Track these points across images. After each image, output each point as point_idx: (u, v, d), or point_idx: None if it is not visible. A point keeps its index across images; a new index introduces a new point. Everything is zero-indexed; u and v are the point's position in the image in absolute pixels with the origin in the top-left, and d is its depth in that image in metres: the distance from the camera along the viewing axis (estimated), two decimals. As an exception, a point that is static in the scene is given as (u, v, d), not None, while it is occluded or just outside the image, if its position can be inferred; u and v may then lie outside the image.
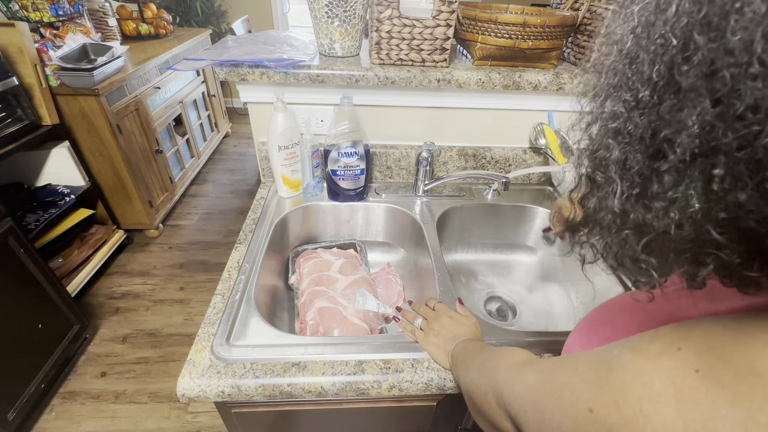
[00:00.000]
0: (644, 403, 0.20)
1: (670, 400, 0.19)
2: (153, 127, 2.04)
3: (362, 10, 0.80)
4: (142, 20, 2.36)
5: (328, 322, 0.69)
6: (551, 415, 0.26)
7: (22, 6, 1.65)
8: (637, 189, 0.21)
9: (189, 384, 0.54)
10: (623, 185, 0.21)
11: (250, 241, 0.79)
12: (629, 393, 0.21)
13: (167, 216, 2.29)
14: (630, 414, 0.20)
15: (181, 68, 0.79)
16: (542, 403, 0.27)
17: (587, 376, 0.24)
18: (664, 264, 0.22)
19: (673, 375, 0.19)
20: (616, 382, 0.22)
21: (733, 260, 0.18)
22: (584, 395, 0.23)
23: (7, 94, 1.36)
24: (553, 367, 0.29)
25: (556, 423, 0.25)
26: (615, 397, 0.21)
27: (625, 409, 0.21)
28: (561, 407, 0.25)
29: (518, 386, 0.31)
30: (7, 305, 1.19)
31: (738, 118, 0.15)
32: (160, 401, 1.39)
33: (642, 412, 0.20)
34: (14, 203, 1.55)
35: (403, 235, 0.95)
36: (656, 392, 0.20)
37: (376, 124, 0.93)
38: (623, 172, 0.21)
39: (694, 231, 0.19)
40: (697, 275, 0.20)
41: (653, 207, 0.20)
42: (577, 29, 0.88)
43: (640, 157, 0.20)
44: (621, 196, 0.21)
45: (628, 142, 0.20)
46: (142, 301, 1.77)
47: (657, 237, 0.21)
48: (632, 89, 0.20)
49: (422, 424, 0.69)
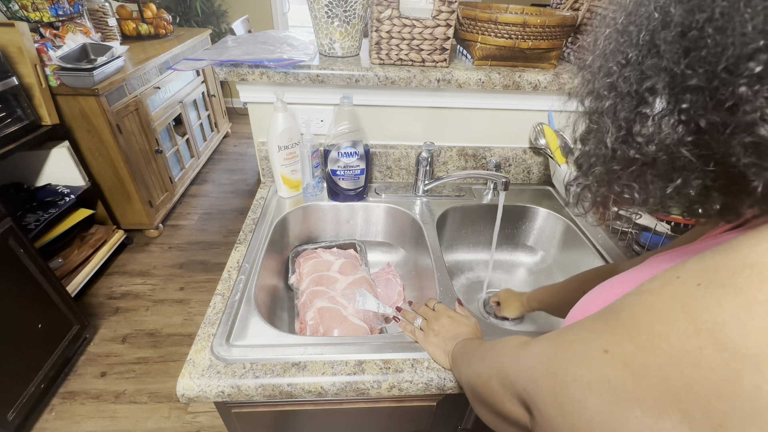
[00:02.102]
0: (656, 325, 0.21)
1: (679, 314, 0.20)
2: (153, 127, 2.04)
3: (362, 10, 0.80)
4: (142, 20, 2.36)
5: (328, 322, 0.69)
6: (565, 372, 0.26)
7: (22, 6, 1.65)
8: (623, 131, 0.26)
9: (189, 384, 0.54)
10: (613, 128, 0.26)
11: (250, 241, 0.79)
12: (640, 323, 0.22)
13: (167, 216, 2.29)
14: (644, 340, 0.21)
15: (181, 68, 0.79)
16: (554, 365, 0.27)
17: (596, 326, 0.25)
18: (645, 189, 0.26)
19: (678, 294, 0.21)
20: (625, 321, 0.23)
21: (706, 181, 0.23)
22: (596, 342, 0.24)
23: (7, 94, 1.36)
24: (558, 334, 0.29)
25: (572, 377, 0.25)
26: (627, 331, 0.23)
27: (639, 337, 0.22)
28: (575, 360, 0.25)
29: (525, 359, 0.31)
30: (7, 305, 1.19)
31: (701, 61, 0.20)
32: (160, 401, 1.39)
33: (655, 333, 0.21)
34: (14, 203, 1.56)
35: (403, 235, 0.95)
36: (665, 313, 0.21)
37: (376, 124, 0.93)
38: (613, 118, 0.26)
39: (669, 156, 0.23)
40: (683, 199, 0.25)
41: (635, 143, 0.25)
42: (577, 29, 0.88)
43: (626, 104, 0.25)
44: (611, 137, 0.26)
45: (617, 93, 0.26)
46: (142, 301, 1.77)
47: (639, 168, 0.25)
48: (623, 52, 0.25)
49: (422, 424, 0.69)
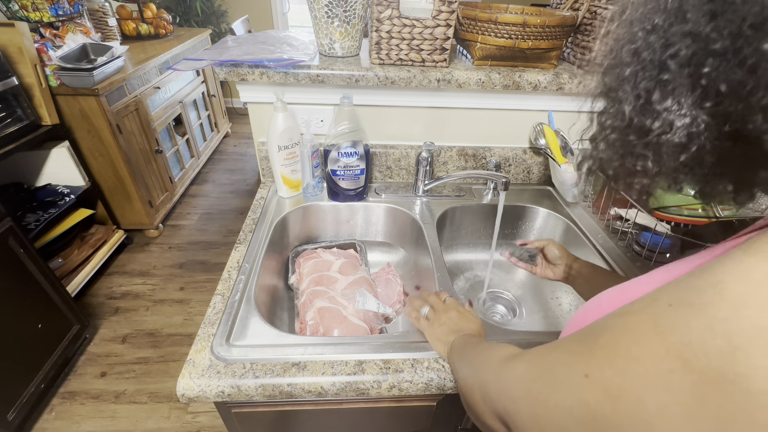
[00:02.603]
0: (632, 347, 0.21)
1: (653, 336, 0.21)
2: (153, 127, 2.04)
3: (362, 10, 0.80)
4: (142, 20, 2.36)
5: (328, 322, 0.69)
6: (546, 396, 0.26)
7: (22, 6, 1.65)
8: (642, 100, 0.26)
9: (189, 384, 0.54)
10: (632, 97, 0.26)
11: (250, 241, 0.79)
12: (618, 345, 0.22)
13: (167, 216, 2.29)
14: (621, 363, 0.22)
15: (181, 68, 0.79)
16: (536, 387, 0.27)
17: (578, 348, 0.25)
18: (659, 159, 0.26)
19: (652, 316, 0.22)
20: (605, 344, 0.23)
21: (720, 151, 0.23)
22: (578, 366, 0.24)
23: (7, 94, 1.36)
24: (542, 353, 0.29)
25: (553, 402, 0.25)
26: (607, 355, 0.23)
27: (617, 360, 0.22)
28: (557, 384, 0.25)
29: (508, 378, 0.32)
30: (7, 305, 1.19)
31: (727, 22, 0.21)
32: (160, 401, 1.39)
33: (632, 356, 0.21)
34: (14, 203, 1.55)
35: (403, 235, 0.95)
36: (641, 335, 0.21)
37: (376, 124, 0.93)
38: (633, 85, 0.26)
39: (686, 124, 0.23)
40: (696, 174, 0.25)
41: (654, 112, 0.25)
42: (577, 29, 0.88)
43: (648, 72, 0.25)
44: (629, 106, 0.26)
45: (640, 60, 0.26)
46: (142, 301, 1.77)
47: (655, 137, 0.25)
48: (650, 19, 0.25)
49: (422, 424, 0.69)
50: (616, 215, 0.86)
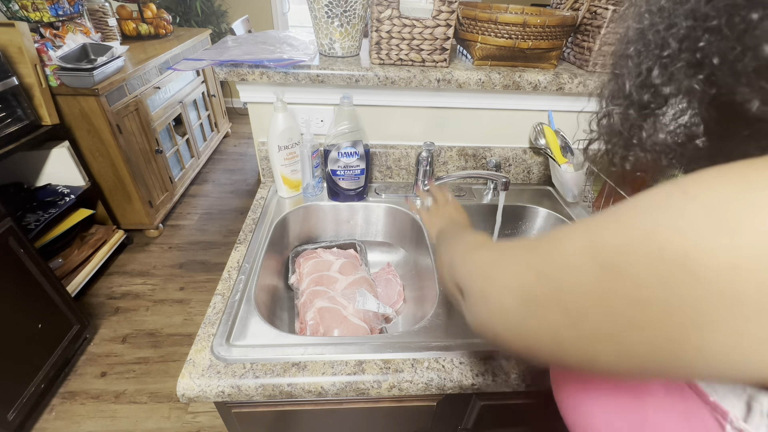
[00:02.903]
0: (564, 244, 0.26)
1: (581, 235, 0.25)
2: (153, 127, 2.04)
3: (362, 10, 0.80)
4: (142, 20, 2.36)
5: (328, 322, 0.69)
6: (495, 276, 0.31)
7: (22, 6, 1.65)
8: (642, 77, 0.28)
9: (189, 384, 0.54)
10: (634, 73, 0.28)
11: (250, 241, 0.79)
12: (556, 243, 0.26)
13: (167, 216, 2.29)
14: (553, 255, 0.26)
15: (181, 68, 0.79)
16: (489, 269, 0.32)
17: (530, 244, 0.29)
18: (654, 132, 0.28)
19: (587, 223, 0.25)
20: (548, 241, 0.28)
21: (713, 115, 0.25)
22: (525, 256, 0.29)
23: (7, 94, 1.36)
24: (504, 245, 0.33)
25: (499, 281, 0.30)
26: (546, 248, 0.27)
27: (551, 253, 0.26)
28: (505, 268, 0.30)
29: (471, 260, 0.37)
30: (7, 305, 1.19)
31: (723, 1, 0.22)
32: (160, 401, 1.39)
33: (561, 250, 0.25)
34: (14, 203, 1.55)
35: (403, 235, 0.95)
36: (573, 235, 0.25)
37: (376, 124, 0.93)
38: (636, 64, 0.28)
39: (681, 94, 0.26)
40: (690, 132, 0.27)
41: (652, 86, 0.27)
42: (577, 29, 0.88)
43: (650, 51, 0.27)
44: (630, 82, 0.29)
45: (644, 39, 0.28)
46: (142, 301, 1.77)
47: (650, 110, 0.28)
48: (657, 1, 0.27)
49: (422, 424, 0.69)
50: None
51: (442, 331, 0.63)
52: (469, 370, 0.57)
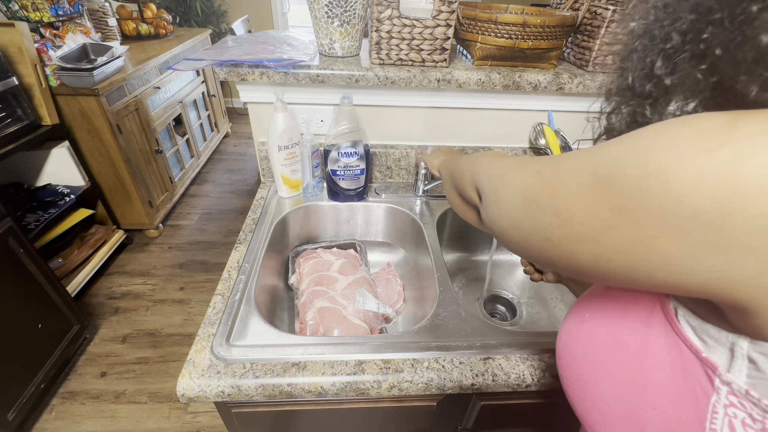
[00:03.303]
0: (572, 158, 0.28)
1: (587, 153, 0.27)
2: (153, 127, 2.04)
3: (362, 10, 0.80)
4: (142, 20, 2.36)
5: (328, 322, 0.69)
6: (509, 180, 0.34)
7: (22, 6, 1.65)
8: (646, 69, 0.29)
9: (189, 384, 0.54)
10: (638, 65, 0.30)
11: (250, 241, 0.79)
12: (566, 158, 0.29)
13: (167, 216, 2.29)
14: (560, 167, 0.29)
15: (181, 68, 0.79)
16: (506, 173, 0.35)
17: (546, 159, 0.31)
18: (660, 112, 0.29)
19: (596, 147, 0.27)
20: (560, 157, 0.30)
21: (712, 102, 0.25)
22: (537, 165, 0.31)
23: (7, 94, 1.36)
24: (523, 158, 0.36)
25: (510, 183, 0.33)
26: (555, 162, 0.29)
27: (559, 165, 0.29)
28: (518, 173, 0.33)
29: (493, 167, 0.39)
30: (7, 305, 1.19)
31: None
32: (160, 401, 1.39)
33: (569, 163, 0.28)
34: (14, 203, 1.55)
35: (403, 235, 0.95)
36: (581, 153, 0.28)
37: (376, 124, 0.93)
38: (641, 57, 0.29)
39: (684, 83, 0.26)
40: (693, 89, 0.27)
41: (655, 77, 0.28)
42: (577, 29, 0.88)
43: (654, 44, 0.28)
44: (633, 74, 0.30)
45: (650, 34, 0.29)
46: (142, 301, 1.77)
47: (653, 101, 0.29)
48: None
49: (422, 424, 0.69)
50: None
51: (442, 331, 0.63)
52: (469, 370, 0.57)
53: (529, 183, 0.31)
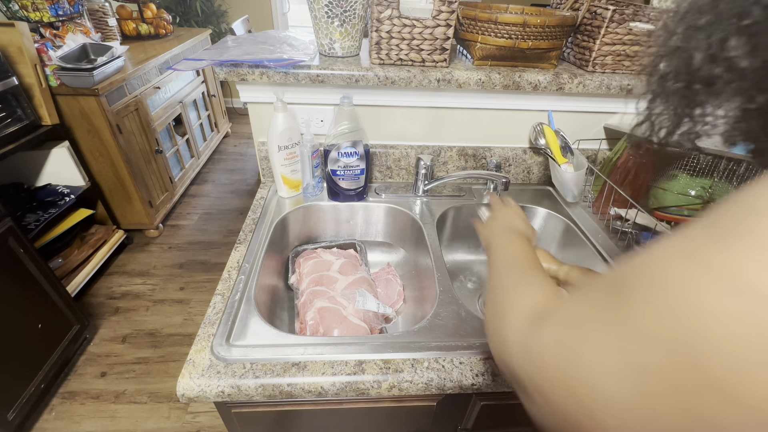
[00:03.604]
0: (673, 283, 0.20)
1: (691, 266, 0.19)
2: (153, 127, 2.04)
3: (362, 10, 0.80)
4: (142, 20, 2.36)
5: (328, 322, 0.69)
6: (580, 358, 0.23)
7: (22, 6, 1.65)
8: (714, 48, 0.26)
9: (189, 384, 0.54)
10: (704, 45, 0.26)
11: (250, 241, 0.79)
12: (654, 283, 0.21)
13: (167, 216, 2.29)
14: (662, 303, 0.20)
15: (181, 68, 0.79)
16: (569, 352, 0.24)
17: (609, 303, 0.23)
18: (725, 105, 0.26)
19: (687, 247, 0.20)
20: (638, 285, 0.22)
21: None
22: (625, 317, 0.21)
23: (7, 94, 1.36)
24: (572, 320, 0.26)
25: (587, 361, 0.22)
26: (643, 298, 0.21)
27: (656, 301, 0.20)
28: (594, 344, 0.23)
29: (534, 345, 0.28)
30: (7, 305, 1.19)
31: None
32: (160, 401, 1.39)
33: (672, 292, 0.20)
34: (14, 203, 1.55)
35: (403, 235, 0.95)
36: (677, 268, 0.20)
37: (376, 124, 0.93)
38: (707, 35, 0.26)
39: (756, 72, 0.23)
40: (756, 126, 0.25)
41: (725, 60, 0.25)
42: (577, 29, 0.88)
43: (724, 22, 0.25)
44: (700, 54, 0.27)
45: (717, 10, 0.25)
46: (142, 301, 1.77)
47: (721, 86, 0.25)
48: None
49: (422, 424, 0.69)
50: (616, 215, 0.86)
51: (442, 331, 0.63)
52: (469, 370, 0.57)
53: (629, 351, 0.21)
